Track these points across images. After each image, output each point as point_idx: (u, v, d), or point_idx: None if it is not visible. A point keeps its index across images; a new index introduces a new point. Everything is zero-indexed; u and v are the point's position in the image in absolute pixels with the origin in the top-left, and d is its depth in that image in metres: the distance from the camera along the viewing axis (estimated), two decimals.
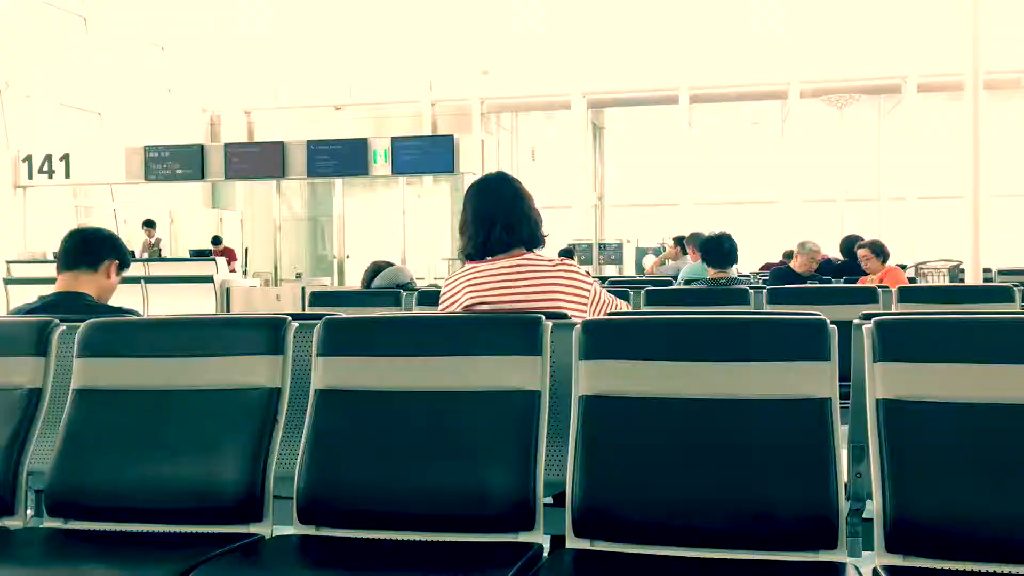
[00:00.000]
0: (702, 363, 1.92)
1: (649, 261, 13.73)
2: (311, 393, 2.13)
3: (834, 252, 8.88)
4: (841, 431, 1.89)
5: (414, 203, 18.01)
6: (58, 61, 16.88)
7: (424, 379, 2.08)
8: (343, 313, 2.37)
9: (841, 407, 1.90)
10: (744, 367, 1.90)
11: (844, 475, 1.87)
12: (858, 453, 2.05)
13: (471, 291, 2.46)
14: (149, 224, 13.83)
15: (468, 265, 2.54)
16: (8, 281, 12.47)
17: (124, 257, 2.97)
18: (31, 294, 3.05)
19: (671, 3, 18.66)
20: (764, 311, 4.06)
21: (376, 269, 5.07)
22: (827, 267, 7.76)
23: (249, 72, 20.93)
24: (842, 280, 6.32)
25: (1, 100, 16.21)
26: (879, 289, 4.38)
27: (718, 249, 4.84)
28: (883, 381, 1.85)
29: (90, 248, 2.90)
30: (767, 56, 17.94)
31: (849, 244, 7.37)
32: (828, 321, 1.93)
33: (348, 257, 16.66)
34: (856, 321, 2.03)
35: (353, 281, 15.79)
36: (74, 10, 18.45)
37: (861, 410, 1.92)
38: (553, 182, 18.17)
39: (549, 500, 2.05)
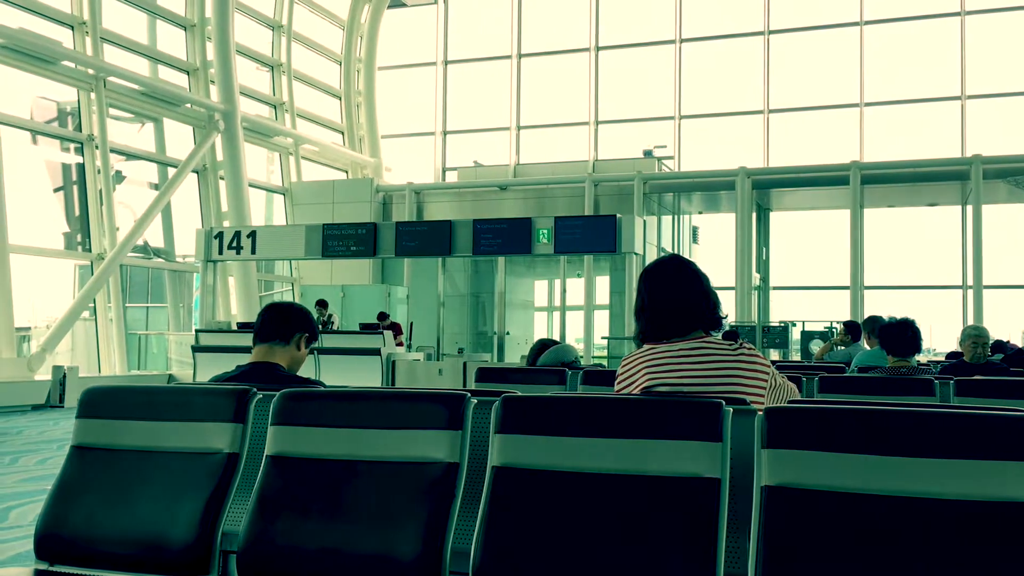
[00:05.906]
0: (902, 459, 1.81)
1: (817, 346, 13.22)
2: (487, 469, 2.15)
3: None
4: None
5: (573, 281, 18.16)
6: (250, 148, 18.27)
7: (602, 460, 2.06)
8: (518, 391, 2.39)
9: None
10: (948, 464, 1.78)
11: None
12: None
13: (650, 372, 2.44)
14: (322, 304, 14.65)
15: (646, 346, 2.52)
16: (196, 348, 13.29)
17: (314, 331, 3.14)
18: (217, 361, 3.25)
19: (842, 78, 18.30)
20: (951, 405, 3.80)
21: (542, 346, 5.10)
22: (1018, 359, 7.22)
23: (419, 155, 21.96)
24: None
25: (197, 181, 17.63)
26: None
27: (901, 336, 4.59)
28: None
29: (285, 322, 3.08)
30: (946, 134, 17.22)
31: None
32: None
33: (508, 333, 16.91)
34: None
35: (512, 356, 15.99)
36: (267, 98, 20.00)
37: None
38: (716, 262, 17.91)
39: None
